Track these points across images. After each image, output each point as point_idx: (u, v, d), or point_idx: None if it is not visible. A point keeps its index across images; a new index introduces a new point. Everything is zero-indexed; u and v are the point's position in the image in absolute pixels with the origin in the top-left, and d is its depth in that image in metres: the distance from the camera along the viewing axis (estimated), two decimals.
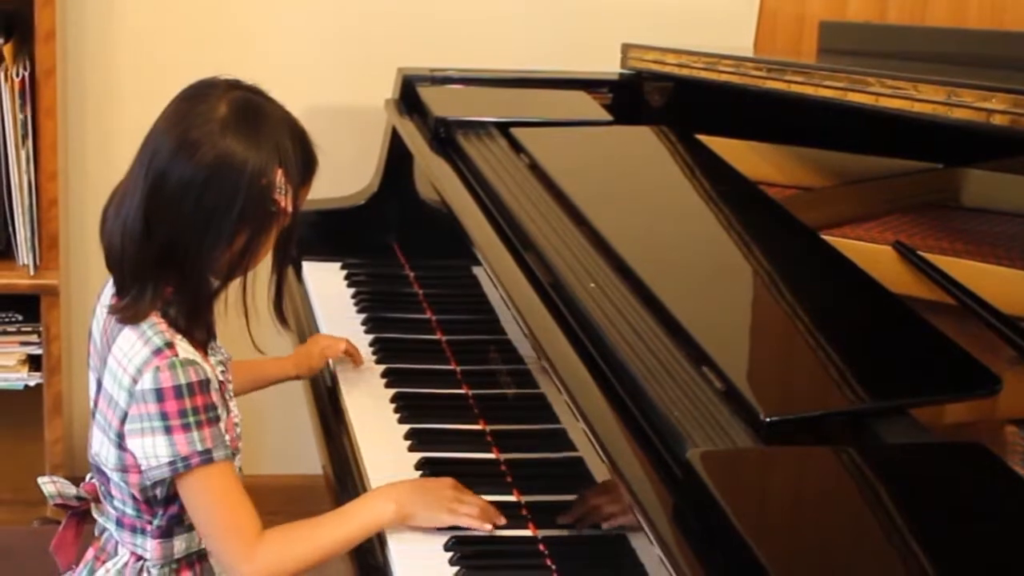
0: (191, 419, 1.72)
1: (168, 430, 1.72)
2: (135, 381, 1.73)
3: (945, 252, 2.07)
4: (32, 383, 2.94)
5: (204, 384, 1.74)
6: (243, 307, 1.83)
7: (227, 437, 1.79)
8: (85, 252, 3.08)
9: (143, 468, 1.75)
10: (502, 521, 1.83)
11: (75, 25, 3.04)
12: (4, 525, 2.99)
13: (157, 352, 1.73)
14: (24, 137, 2.80)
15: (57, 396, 2.94)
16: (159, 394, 1.72)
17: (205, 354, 1.82)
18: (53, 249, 2.87)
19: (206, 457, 1.74)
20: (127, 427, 1.75)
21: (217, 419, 1.76)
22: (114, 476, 1.82)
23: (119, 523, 1.87)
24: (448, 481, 1.86)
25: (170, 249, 1.74)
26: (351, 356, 2.25)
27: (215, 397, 1.76)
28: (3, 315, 2.92)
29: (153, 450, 1.73)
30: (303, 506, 3.23)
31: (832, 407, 1.58)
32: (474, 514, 1.81)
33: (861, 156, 2.46)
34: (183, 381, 1.72)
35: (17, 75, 2.76)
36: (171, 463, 1.73)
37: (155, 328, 1.76)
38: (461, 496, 1.83)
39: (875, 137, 2.40)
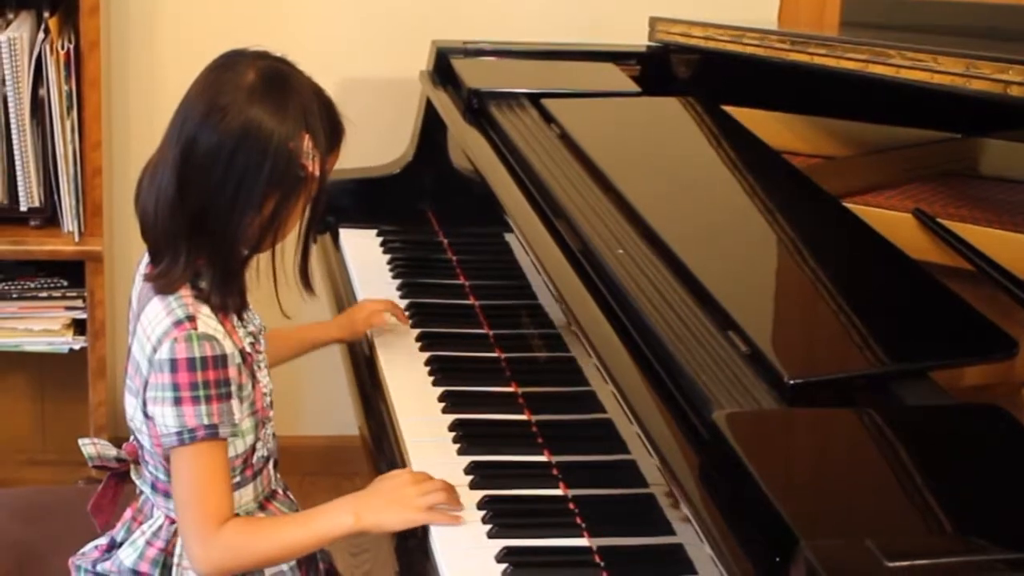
0: (201, 392, 1.73)
1: (177, 401, 1.73)
2: (155, 350, 1.75)
3: (963, 219, 2.07)
4: (77, 347, 2.99)
5: (220, 359, 1.75)
6: (272, 274, 1.83)
7: (243, 410, 1.80)
8: (128, 219, 3.04)
9: (160, 436, 1.77)
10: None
11: None
12: (50, 485, 3.05)
13: (177, 324, 1.75)
14: (69, 108, 2.83)
15: (101, 359, 2.98)
16: (173, 364, 1.73)
17: (236, 323, 1.83)
18: (97, 216, 2.91)
19: (211, 431, 1.75)
20: (147, 395, 1.77)
21: (229, 395, 1.76)
22: (145, 442, 1.85)
23: (153, 487, 1.90)
24: (405, 478, 1.83)
25: (201, 216, 1.75)
26: (396, 317, 2.25)
27: (233, 372, 1.77)
28: (49, 280, 2.97)
29: (163, 419, 1.75)
30: (342, 467, 3.31)
31: (854, 370, 1.59)
32: (442, 499, 1.79)
33: (882, 126, 2.46)
34: (197, 354, 1.73)
35: (62, 47, 2.78)
36: (178, 433, 1.74)
37: (180, 300, 1.77)
38: (424, 487, 1.80)
39: (896, 108, 2.39)
